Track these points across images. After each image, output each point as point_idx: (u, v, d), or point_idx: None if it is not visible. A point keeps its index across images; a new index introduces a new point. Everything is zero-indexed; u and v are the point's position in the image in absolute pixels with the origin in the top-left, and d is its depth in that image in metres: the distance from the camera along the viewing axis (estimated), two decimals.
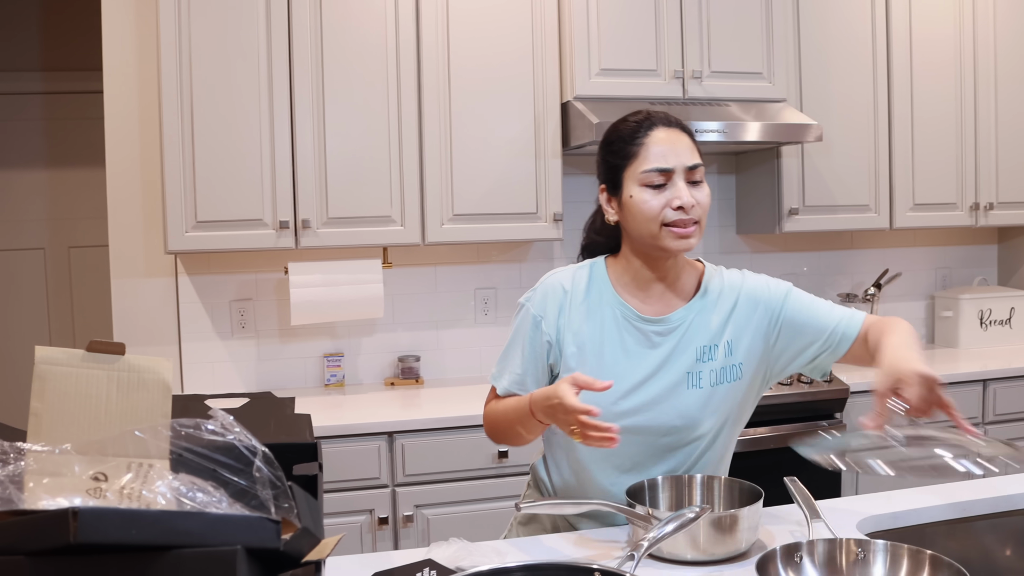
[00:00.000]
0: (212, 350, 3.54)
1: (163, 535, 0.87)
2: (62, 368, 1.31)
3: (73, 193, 4.91)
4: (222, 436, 1.11)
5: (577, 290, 1.86)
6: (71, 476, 1.12)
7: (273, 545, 0.93)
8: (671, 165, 1.74)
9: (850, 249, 4.30)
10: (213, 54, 3.14)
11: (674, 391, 1.80)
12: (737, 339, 1.83)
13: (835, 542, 1.50)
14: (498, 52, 3.38)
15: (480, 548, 1.60)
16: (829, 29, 3.77)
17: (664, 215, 1.72)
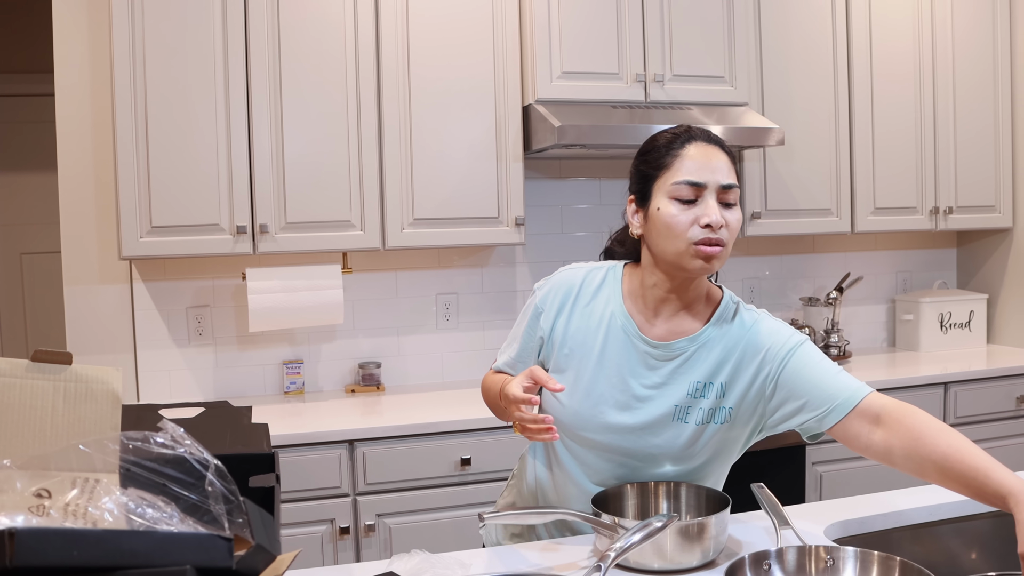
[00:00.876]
0: (168, 358, 3.47)
1: (107, 556, 0.82)
2: (5, 379, 1.26)
3: (24, 198, 4.81)
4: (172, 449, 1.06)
5: (586, 291, 1.80)
6: (12, 493, 1.06)
7: (225, 564, 0.89)
8: (704, 180, 1.64)
9: (812, 253, 4.31)
10: (168, 56, 3.07)
11: (659, 421, 1.73)
12: (732, 383, 1.73)
13: (804, 549, 1.48)
14: (459, 54, 3.34)
15: (443, 559, 1.56)
16: (790, 34, 3.77)
17: (693, 233, 1.63)
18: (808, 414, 1.68)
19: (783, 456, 3.36)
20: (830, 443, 3.46)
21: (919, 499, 1.96)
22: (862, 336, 4.40)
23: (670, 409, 1.72)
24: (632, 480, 1.77)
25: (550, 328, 1.80)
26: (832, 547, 1.48)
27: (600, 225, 3.95)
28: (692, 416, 1.72)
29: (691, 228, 1.63)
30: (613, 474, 1.78)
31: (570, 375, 1.76)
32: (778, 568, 1.47)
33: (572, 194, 3.92)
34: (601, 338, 1.75)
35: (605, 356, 1.75)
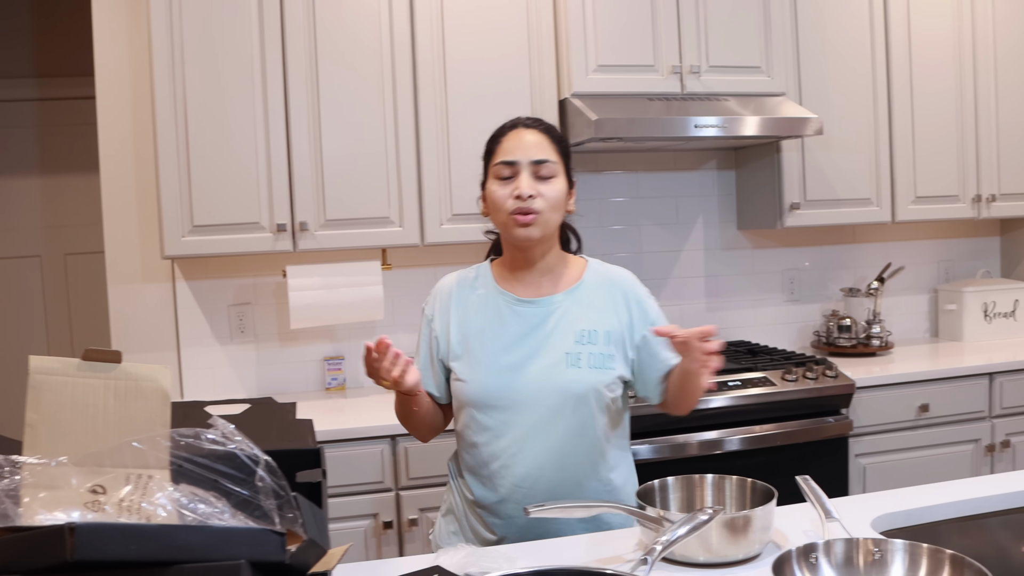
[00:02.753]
0: (211, 355, 3.51)
1: (164, 550, 0.84)
2: (58, 378, 1.28)
3: (68, 200, 4.87)
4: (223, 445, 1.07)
5: (462, 288, 2.03)
6: (68, 489, 1.08)
7: (278, 558, 0.90)
8: (516, 158, 1.90)
9: (852, 243, 4.26)
10: (206, 57, 3.10)
11: (554, 369, 1.89)
12: (614, 332, 1.94)
13: (852, 542, 1.47)
14: (494, 49, 3.34)
15: (488, 553, 1.56)
16: (827, 21, 3.73)
17: (509, 204, 1.89)
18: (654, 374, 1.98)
19: (826, 448, 3.34)
20: (874, 435, 3.45)
21: (967, 491, 1.93)
22: (904, 327, 4.36)
23: (561, 356, 1.90)
24: (545, 436, 1.89)
25: (441, 327, 2.01)
26: (880, 539, 1.47)
27: (637, 218, 3.94)
28: (584, 361, 1.90)
29: (508, 200, 1.89)
30: (524, 434, 1.89)
31: (466, 357, 1.95)
32: (825, 561, 1.46)
33: (610, 188, 3.92)
34: (487, 316, 1.97)
35: (494, 329, 1.95)
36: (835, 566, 1.45)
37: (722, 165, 4.06)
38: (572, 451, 1.89)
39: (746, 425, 3.25)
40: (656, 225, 3.98)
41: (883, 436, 3.48)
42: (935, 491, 1.95)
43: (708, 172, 4.05)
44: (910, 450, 3.52)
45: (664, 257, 4.00)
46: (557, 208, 1.92)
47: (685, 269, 4.03)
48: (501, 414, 1.90)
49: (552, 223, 1.92)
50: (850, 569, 1.45)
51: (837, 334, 3.98)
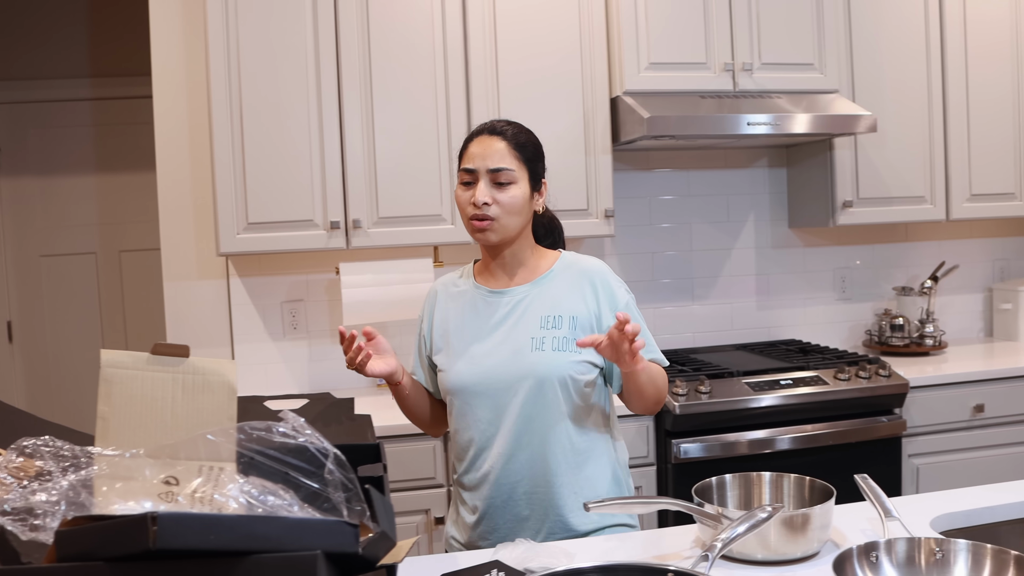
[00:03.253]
0: (264, 351, 3.55)
1: (241, 540, 0.85)
2: (128, 371, 1.30)
3: (122, 198, 4.96)
4: (293, 439, 1.09)
5: (446, 289, 2.16)
6: (142, 480, 1.11)
7: (352, 550, 0.91)
8: (475, 166, 1.99)
9: (905, 242, 4.22)
10: (261, 56, 3.14)
11: (519, 352, 1.96)
12: (581, 317, 2.00)
13: (914, 541, 1.46)
14: (546, 48, 3.35)
15: (548, 548, 1.57)
16: (881, 16, 3.69)
17: (468, 210, 1.99)
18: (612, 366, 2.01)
19: (879, 448, 3.31)
20: (928, 435, 3.41)
21: None
22: (958, 326, 4.30)
23: (526, 340, 1.97)
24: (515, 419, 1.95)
25: (428, 327, 2.14)
26: (942, 539, 1.46)
27: (688, 216, 3.93)
28: (548, 344, 1.96)
29: (467, 207, 1.99)
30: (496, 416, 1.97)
31: (446, 350, 2.06)
32: (887, 559, 1.45)
33: (660, 185, 3.91)
34: (464, 311, 2.07)
35: (470, 321, 2.05)
36: (896, 565, 1.44)
37: (773, 163, 4.03)
38: (541, 434, 1.95)
39: (797, 424, 3.23)
40: (706, 223, 3.97)
41: (937, 436, 3.44)
42: (995, 492, 1.93)
43: (759, 170, 4.02)
44: (965, 451, 3.47)
45: (714, 255, 3.98)
46: (514, 213, 1.98)
47: (735, 267, 4.01)
48: (475, 399, 1.98)
49: (510, 227, 1.99)
50: (912, 568, 1.44)
51: (889, 333, 3.94)
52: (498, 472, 1.96)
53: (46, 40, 4.85)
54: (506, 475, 1.96)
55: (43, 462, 1.12)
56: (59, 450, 1.13)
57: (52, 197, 4.91)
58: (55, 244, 4.94)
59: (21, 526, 0.99)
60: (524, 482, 1.95)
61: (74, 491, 1.04)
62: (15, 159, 4.87)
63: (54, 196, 4.92)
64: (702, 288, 3.98)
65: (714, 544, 1.41)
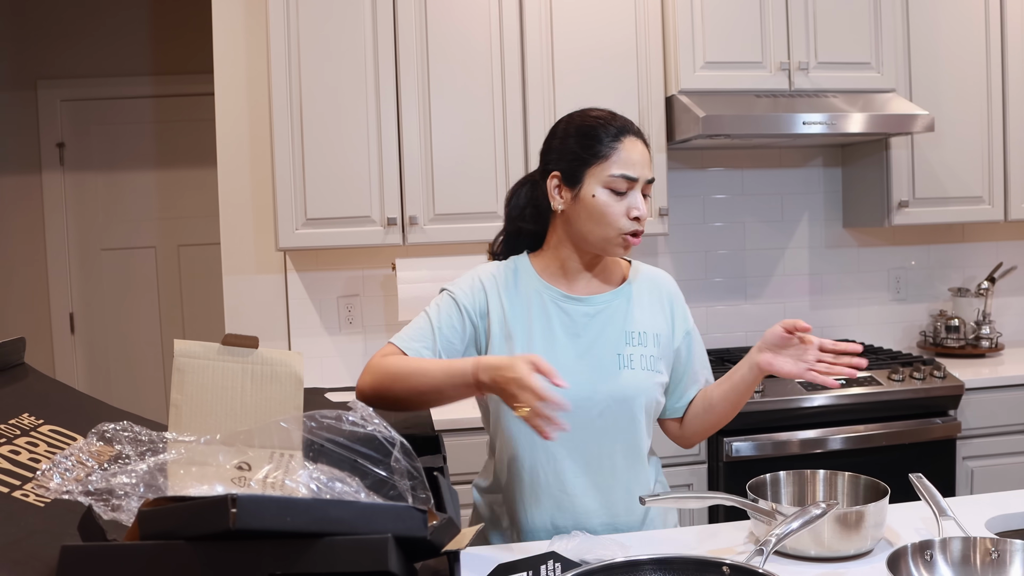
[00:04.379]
0: (320, 345, 3.61)
1: (316, 523, 0.89)
2: (200, 361, 1.35)
3: (182, 193, 5.05)
4: (362, 427, 1.13)
5: (501, 281, 1.89)
6: (216, 465, 1.15)
7: (420, 534, 0.94)
8: (637, 175, 1.79)
9: (961, 242, 4.18)
10: (321, 56, 3.20)
11: (605, 368, 1.82)
12: (663, 334, 1.91)
13: (969, 540, 1.46)
14: (602, 46, 3.37)
15: (602, 541, 1.60)
16: (939, 15, 3.66)
17: (623, 224, 1.79)
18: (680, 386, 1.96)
19: (933, 450, 3.29)
20: (983, 437, 3.38)
21: None
22: (1015, 328, 4.25)
23: (613, 357, 1.83)
24: (593, 441, 1.83)
25: (480, 318, 1.86)
26: (997, 539, 1.46)
27: (742, 215, 3.93)
28: (636, 363, 1.84)
29: (622, 219, 1.78)
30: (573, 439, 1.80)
31: (508, 351, 1.82)
32: (942, 558, 1.45)
33: (714, 184, 3.91)
34: (531, 313, 1.85)
35: (540, 327, 1.84)
36: (952, 564, 1.45)
37: (828, 162, 4.01)
38: (614, 457, 1.84)
39: (850, 424, 3.22)
40: (760, 222, 3.96)
41: (993, 439, 3.41)
42: None
43: (814, 169, 4.01)
44: (1021, 454, 3.44)
45: (768, 254, 3.98)
46: None
47: (789, 266, 4.00)
48: None
49: None
50: (967, 568, 1.45)
51: (945, 334, 3.90)
52: (554, 485, 1.82)
53: (109, 38, 4.97)
54: (562, 487, 1.82)
55: (121, 446, 1.17)
56: (137, 435, 1.18)
57: (114, 192, 5.02)
58: (116, 238, 5.05)
59: (103, 506, 1.03)
60: (581, 493, 1.83)
61: (151, 474, 1.08)
62: (78, 155, 4.98)
63: (116, 191, 5.03)
64: (755, 287, 3.98)
65: (768, 539, 1.42)
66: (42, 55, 4.93)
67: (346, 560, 0.88)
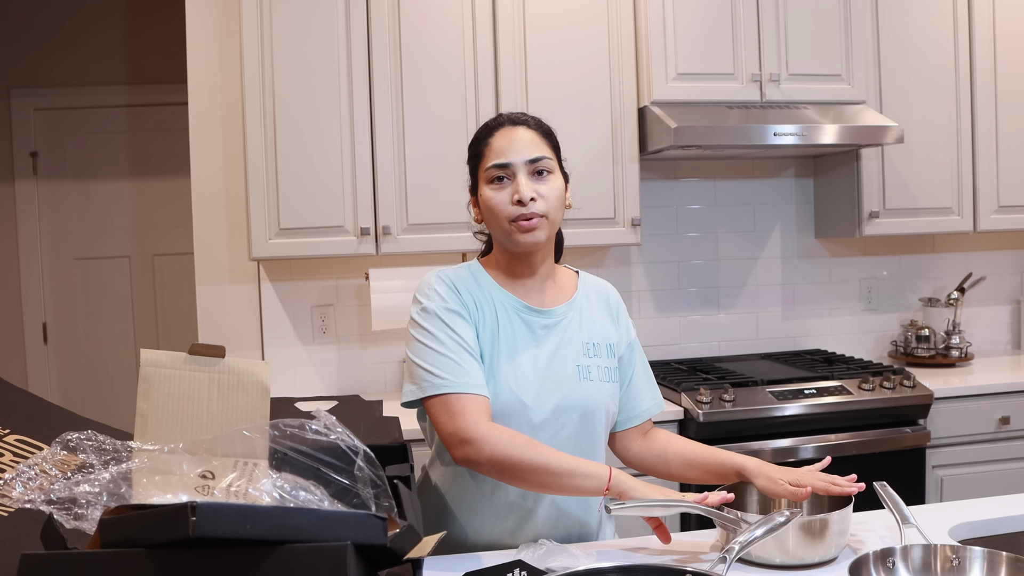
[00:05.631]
0: (294, 355, 3.61)
1: (276, 530, 0.90)
2: (166, 370, 1.35)
3: (156, 203, 5.04)
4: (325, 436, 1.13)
5: (470, 283, 1.84)
6: (180, 474, 1.15)
7: (380, 542, 0.95)
8: (509, 160, 1.77)
9: (932, 253, 4.22)
10: (295, 65, 3.20)
11: (566, 381, 1.80)
12: (613, 344, 1.91)
13: (930, 548, 1.48)
14: (575, 58, 3.39)
15: (569, 549, 1.60)
16: (910, 28, 3.71)
17: (508, 211, 1.76)
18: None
19: (903, 459, 3.31)
20: (952, 446, 3.41)
21: None
22: (984, 338, 4.29)
23: (572, 369, 1.82)
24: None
25: (471, 322, 1.80)
26: (958, 547, 1.48)
27: (715, 225, 3.95)
28: (595, 374, 1.84)
29: (507, 207, 1.76)
30: None
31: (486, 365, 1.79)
32: (903, 566, 1.47)
33: (687, 195, 3.94)
34: (493, 321, 1.81)
35: (504, 337, 1.80)
36: (912, 571, 1.47)
37: (800, 173, 4.05)
38: None
39: (821, 433, 3.24)
40: (733, 232, 3.99)
41: (962, 448, 3.44)
42: (1016, 502, 1.94)
43: (786, 180, 4.04)
44: (990, 463, 3.47)
45: (741, 265, 4.00)
46: (558, 207, 1.80)
47: (762, 277, 4.03)
48: (511, 425, 1.74)
49: (556, 223, 1.81)
50: (927, 575, 1.47)
51: (915, 344, 3.94)
52: (513, 492, 1.79)
53: (84, 47, 4.95)
54: (521, 494, 1.79)
55: (85, 455, 1.17)
56: (101, 444, 1.18)
57: (87, 201, 5.00)
58: (90, 248, 5.03)
59: (66, 515, 1.03)
60: (538, 500, 1.81)
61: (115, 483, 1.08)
62: (52, 164, 4.96)
63: (89, 200, 5.00)
64: (728, 297, 4.00)
65: (731, 547, 1.44)
66: (16, 63, 4.91)
67: (305, 568, 0.89)
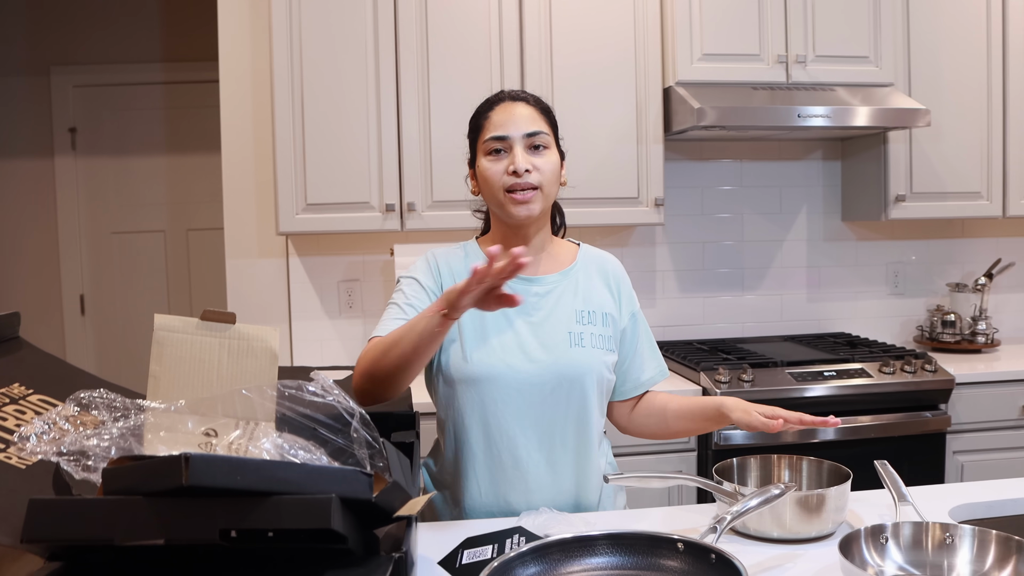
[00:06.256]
0: (320, 328, 3.67)
1: (264, 482, 0.94)
2: (178, 335, 1.41)
3: (190, 178, 5.13)
4: (322, 397, 1.18)
5: (454, 261, 1.96)
6: (185, 431, 1.21)
7: (365, 496, 1.00)
8: (507, 133, 1.85)
9: (960, 238, 4.20)
10: (323, 44, 3.25)
11: (555, 347, 1.85)
12: (612, 314, 1.94)
13: (921, 525, 1.50)
14: (600, 38, 3.41)
15: (568, 518, 1.65)
16: (941, 9, 3.67)
17: (503, 181, 1.83)
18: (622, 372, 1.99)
19: (923, 443, 3.32)
20: (973, 432, 3.41)
21: None
22: (1012, 324, 4.27)
23: (564, 336, 1.86)
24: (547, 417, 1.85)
25: (442, 285, 1.91)
26: (949, 524, 1.49)
27: (740, 207, 3.96)
28: (587, 341, 1.87)
29: (502, 177, 1.83)
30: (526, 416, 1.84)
31: (461, 335, 1.86)
32: (893, 542, 1.49)
33: (713, 176, 3.94)
34: None
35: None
36: (903, 548, 1.49)
37: (828, 155, 4.04)
38: (566, 433, 1.86)
39: (840, 415, 3.24)
40: (759, 214, 3.99)
41: (983, 434, 3.44)
42: (1018, 485, 1.95)
43: (813, 162, 4.04)
44: (1011, 450, 3.46)
45: (766, 247, 4.01)
46: (553, 181, 1.88)
47: (787, 259, 4.03)
48: (497, 392, 1.82)
49: (551, 197, 1.89)
50: (917, 551, 1.49)
51: (941, 329, 3.93)
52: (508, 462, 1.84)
53: (121, 26, 5.04)
54: (515, 463, 1.84)
55: (97, 412, 1.23)
56: (112, 402, 1.24)
57: (124, 176, 5.10)
58: (126, 222, 5.13)
59: (75, 466, 1.09)
60: (534, 468, 1.85)
61: (123, 438, 1.14)
62: (90, 140, 5.06)
63: (126, 175, 5.10)
64: (752, 279, 4.01)
65: (724, 517, 1.47)
66: (56, 42, 5.01)
67: (292, 518, 0.94)
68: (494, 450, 1.85)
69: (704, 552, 1.35)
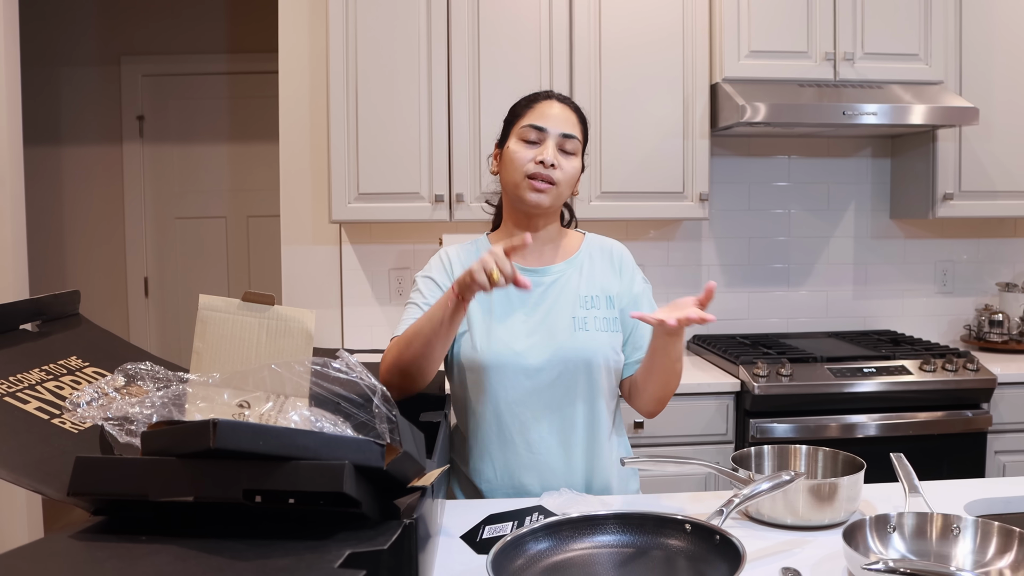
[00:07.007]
0: (371, 315, 3.78)
1: (284, 448, 1.03)
2: (220, 314, 1.51)
3: (251, 166, 5.28)
4: (346, 374, 1.27)
5: (464, 257, 2.05)
6: (221, 402, 1.31)
7: (377, 464, 1.08)
8: (546, 125, 1.93)
9: (1012, 237, 4.17)
10: (377, 38, 3.35)
11: (561, 332, 1.93)
12: (615, 296, 2.01)
13: (926, 516, 1.54)
14: (648, 34, 3.46)
15: (587, 499, 1.71)
16: (994, 7, 3.65)
17: (528, 167, 1.91)
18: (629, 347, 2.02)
19: (964, 442, 3.32)
20: (1016, 432, 3.40)
21: None
22: None
23: (569, 321, 1.94)
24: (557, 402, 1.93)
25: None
26: (952, 515, 1.53)
27: (787, 203, 3.98)
28: (591, 324, 1.95)
29: (528, 163, 1.91)
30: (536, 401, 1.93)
31: (471, 325, 1.96)
32: (897, 531, 1.53)
33: (760, 171, 3.97)
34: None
35: (499, 299, 1.97)
36: (905, 537, 1.53)
37: (877, 153, 4.04)
38: (576, 416, 1.94)
39: (880, 412, 3.27)
40: (806, 210, 4.01)
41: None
42: None
43: (863, 159, 4.04)
44: None
45: (813, 243, 4.03)
46: (571, 185, 1.98)
47: (834, 255, 4.04)
48: (508, 380, 1.92)
49: (563, 197, 1.97)
50: (921, 541, 1.53)
51: (988, 329, 3.92)
52: (520, 444, 1.93)
53: (187, 18, 5.20)
54: (528, 445, 1.93)
55: (143, 382, 1.33)
56: (155, 373, 1.34)
57: (189, 164, 5.27)
58: (190, 208, 5.30)
59: (119, 430, 1.19)
60: (546, 451, 1.93)
61: (164, 406, 1.24)
62: (157, 127, 5.23)
63: (190, 163, 5.27)
64: (798, 275, 4.03)
65: (732, 500, 1.53)
66: (125, 33, 5.19)
67: (308, 481, 1.03)
68: (507, 434, 1.94)
69: (709, 533, 1.41)
